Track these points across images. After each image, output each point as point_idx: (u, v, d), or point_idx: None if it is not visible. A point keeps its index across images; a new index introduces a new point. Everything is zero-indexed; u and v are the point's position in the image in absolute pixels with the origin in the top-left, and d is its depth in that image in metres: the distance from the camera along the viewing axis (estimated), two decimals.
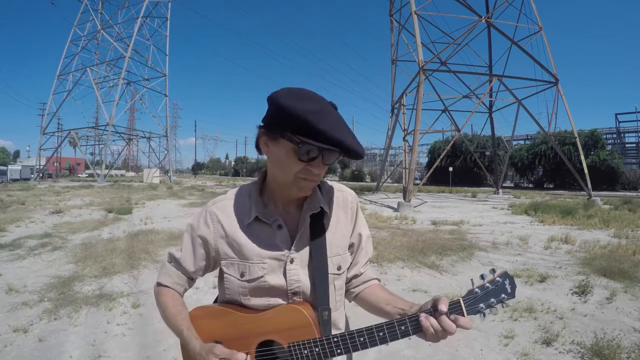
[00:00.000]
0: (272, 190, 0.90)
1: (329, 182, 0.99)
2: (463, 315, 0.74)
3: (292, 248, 0.88)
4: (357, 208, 0.99)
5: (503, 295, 0.75)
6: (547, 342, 2.77)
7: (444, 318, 0.73)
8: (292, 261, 0.87)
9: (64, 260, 5.09)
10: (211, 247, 0.91)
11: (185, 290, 0.97)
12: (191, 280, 0.97)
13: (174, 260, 0.95)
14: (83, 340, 2.77)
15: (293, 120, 0.72)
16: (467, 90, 20.27)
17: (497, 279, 0.76)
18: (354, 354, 1.02)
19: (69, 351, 2.61)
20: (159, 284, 0.96)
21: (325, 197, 0.93)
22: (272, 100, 0.76)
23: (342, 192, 0.98)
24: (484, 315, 0.75)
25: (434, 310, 0.75)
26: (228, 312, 0.88)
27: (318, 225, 0.89)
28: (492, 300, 0.75)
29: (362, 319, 1.04)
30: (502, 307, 0.77)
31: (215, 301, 1.04)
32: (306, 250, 0.88)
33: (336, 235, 0.93)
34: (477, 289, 0.76)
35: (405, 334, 0.76)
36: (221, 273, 0.94)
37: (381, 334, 0.77)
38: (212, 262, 0.94)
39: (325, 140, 0.72)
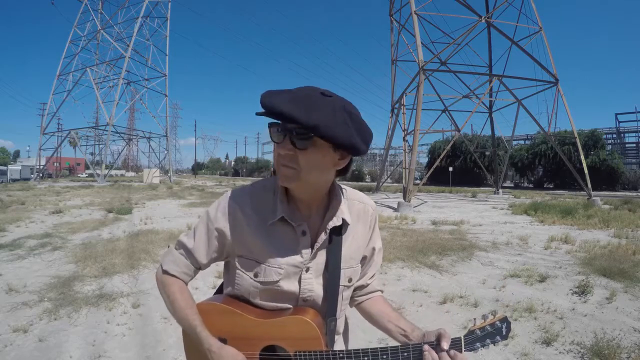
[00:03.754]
0: (293, 193, 0.87)
1: (350, 190, 0.96)
2: (461, 352, 0.80)
3: (311, 257, 0.86)
4: (375, 221, 0.98)
5: (498, 337, 0.83)
6: (547, 342, 2.77)
7: (445, 355, 0.78)
8: (307, 270, 0.86)
9: (64, 260, 5.09)
10: (227, 241, 0.87)
11: (191, 279, 0.94)
12: (198, 270, 0.94)
13: (184, 249, 0.91)
14: (83, 340, 2.77)
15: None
16: (467, 90, 20.31)
17: (497, 323, 0.83)
18: None
19: (69, 351, 2.61)
20: (164, 272, 0.91)
21: (346, 207, 0.90)
22: None
23: (364, 204, 0.96)
24: (477, 351, 0.83)
25: (437, 344, 0.79)
26: (237, 313, 0.87)
27: (337, 236, 0.87)
28: (488, 341, 0.82)
29: (362, 322, 1.04)
30: (494, 345, 0.84)
31: (219, 291, 1.02)
32: (322, 260, 0.87)
33: (352, 248, 0.91)
34: (477, 330, 0.82)
35: None
36: (231, 266, 0.91)
37: (384, 356, 0.80)
38: (224, 254, 0.91)
39: (263, 109, 0.73)
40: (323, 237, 0.86)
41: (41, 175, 39.31)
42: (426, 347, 0.79)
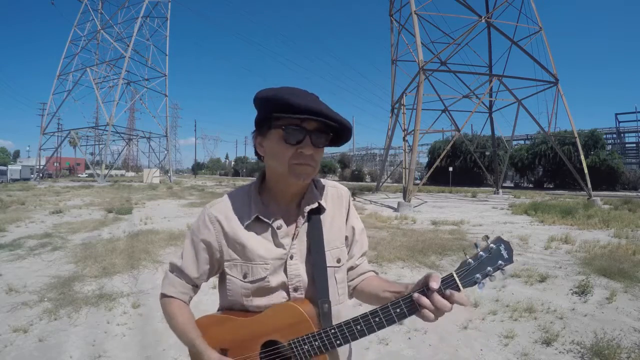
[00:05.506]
0: (272, 188, 0.91)
1: (323, 180, 1.01)
2: (459, 290, 0.71)
3: (292, 244, 0.89)
4: (349, 202, 1.02)
5: (500, 262, 0.71)
6: (547, 342, 2.77)
7: (437, 296, 0.71)
8: (292, 257, 0.88)
9: (64, 260, 5.09)
10: (214, 249, 0.91)
11: (191, 298, 0.97)
12: (196, 287, 0.96)
13: (176, 270, 0.95)
14: (83, 340, 2.78)
15: (272, 105, 0.78)
16: (467, 90, 20.28)
17: (491, 245, 0.71)
18: (354, 354, 1.02)
19: (69, 351, 2.61)
20: (163, 295, 0.95)
21: (320, 193, 0.96)
22: (254, 100, 0.84)
23: (336, 188, 1.01)
24: (483, 285, 0.72)
25: (426, 289, 0.72)
26: (230, 318, 0.89)
27: (315, 220, 0.91)
28: (489, 268, 0.71)
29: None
30: (502, 274, 0.72)
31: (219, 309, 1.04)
32: (304, 245, 0.90)
33: (333, 230, 0.94)
34: (470, 260, 0.72)
35: (401, 316, 0.75)
36: (222, 276, 0.94)
37: (377, 319, 0.76)
38: (216, 265, 0.93)
39: (304, 112, 0.76)
40: (302, 220, 0.90)
41: (41, 175, 39.27)
42: (415, 295, 0.72)
